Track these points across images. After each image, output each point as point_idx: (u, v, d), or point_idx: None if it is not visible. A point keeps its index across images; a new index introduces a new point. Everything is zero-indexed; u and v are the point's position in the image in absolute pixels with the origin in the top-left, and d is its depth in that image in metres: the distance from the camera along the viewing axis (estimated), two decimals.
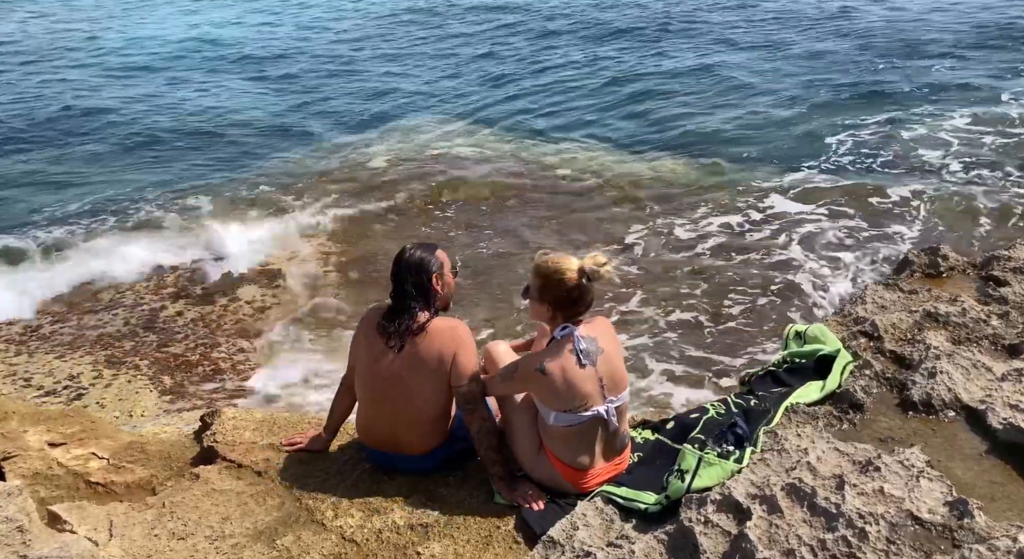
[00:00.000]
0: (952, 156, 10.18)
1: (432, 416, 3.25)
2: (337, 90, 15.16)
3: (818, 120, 11.81)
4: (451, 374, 3.15)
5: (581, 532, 2.78)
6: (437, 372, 3.16)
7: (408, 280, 3.18)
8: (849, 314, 4.14)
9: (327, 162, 11.52)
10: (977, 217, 8.52)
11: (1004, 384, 3.26)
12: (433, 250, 3.27)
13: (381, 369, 3.19)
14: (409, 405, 3.20)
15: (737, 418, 3.26)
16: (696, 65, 15.18)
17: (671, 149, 11.25)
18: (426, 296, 3.20)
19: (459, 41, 18.38)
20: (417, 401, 3.20)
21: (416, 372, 3.16)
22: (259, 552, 2.94)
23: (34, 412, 4.16)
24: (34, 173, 11.35)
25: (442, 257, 3.28)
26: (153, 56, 18.20)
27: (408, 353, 3.16)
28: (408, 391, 3.18)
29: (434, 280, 3.21)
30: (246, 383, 6.34)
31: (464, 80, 15.32)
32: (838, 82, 13.60)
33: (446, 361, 3.14)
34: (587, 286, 3.00)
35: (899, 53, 15.14)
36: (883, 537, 2.36)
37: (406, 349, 3.15)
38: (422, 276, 3.19)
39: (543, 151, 11.28)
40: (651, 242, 8.46)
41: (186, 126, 13.22)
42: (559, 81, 14.81)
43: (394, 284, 3.23)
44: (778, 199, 9.30)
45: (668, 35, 17.70)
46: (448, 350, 3.14)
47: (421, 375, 3.16)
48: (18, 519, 2.64)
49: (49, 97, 14.98)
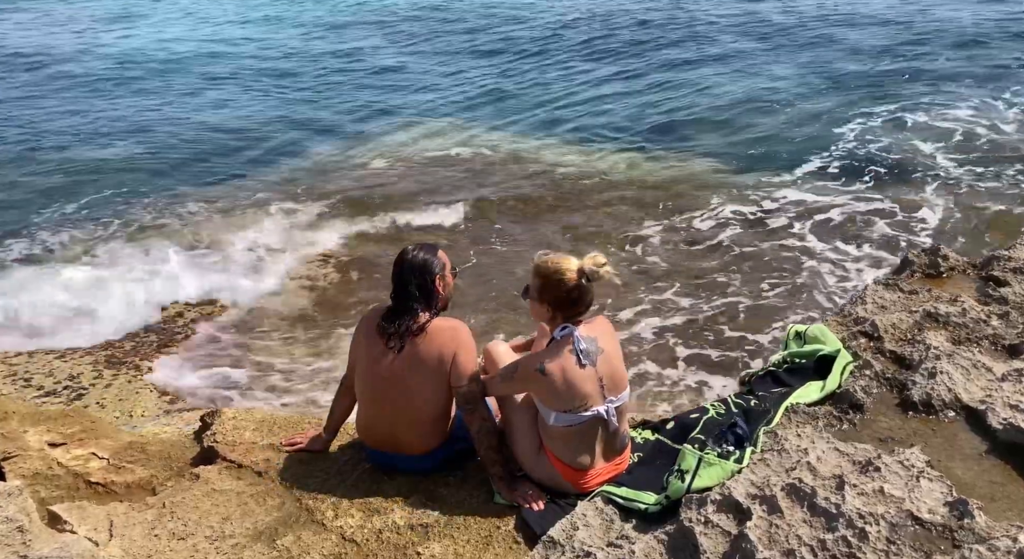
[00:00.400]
0: (955, 153, 10.16)
1: (432, 416, 3.25)
2: (337, 92, 15.15)
3: (824, 115, 11.79)
4: (451, 374, 3.15)
5: (581, 532, 2.78)
6: (437, 372, 3.16)
7: (412, 281, 3.18)
8: (849, 314, 4.14)
9: (327, 164, 11.51)
10: (978, 217, 8.52)
11: (1004, 384, 3.25)
12: (435, 251, 3.28)
13: (381, 369, 3.20)
14: (409, 405, 3.20)
15: (737, 418, 3.26)
16: (700, 60, 15.16)
17: (674, 148, 11.24)
18: (429, 297, 3.21)
19: (459, 42, 18.37)
20: (417, 401, 3.20)
21: (416, 372, 3.16)
22: (259, 552, 2.94)
23: (34, 412, 4.16)
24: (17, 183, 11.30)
25: (444, 258, 3.29)
26: (152, 58, 18.20)
27: (408, 353, 3.16)
28: (408, 391, 3.18)
29: (437, 281, 3.22)
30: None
31: (466, 81, 15.30)
32: (844, 75, 13.58)
33: (446, 361, 3.14)
34: (586, 286, 3.00)
35: (908, 43, 15.07)
36: (883, 537, 2.36)
37: (406, 349, 3.16)
38: (425, 277, 3.19)
39: (545, 151, 11.27)
40: (654, 242, 8.46)
41: (186, 129, 13.23)
42: (561, 81, 14.80)
43: (396, 285, 3.23)
44: (782, 197, 9.32)
45: (670, 34, 17.69)
46: (448, 350, 3.14)
47: (421, 375, 3.16)
48: (18, 519, 2.64)
49: (46, 104, 14.97)
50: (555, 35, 18.18)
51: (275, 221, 9.53)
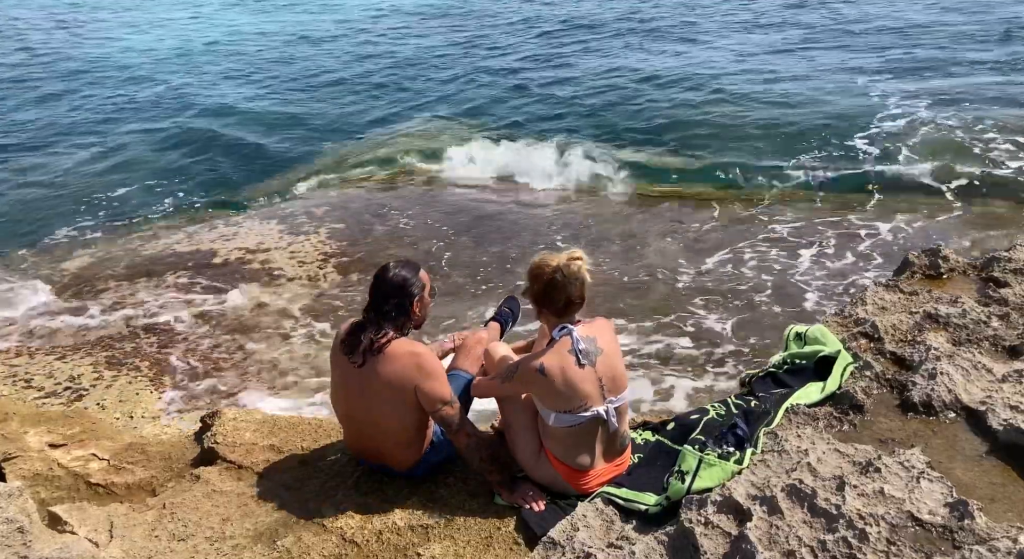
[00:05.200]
0: (959, 159, 10.15)
1: (407, 435, 3.21)
2: (337, 93, 15.17)
3: (830, 113, 11.80)
4: (420, 402, 3.10)
5: (581, 533, 2.78)
6: (398, 397, 3.10)
7: (389, 301, 3.12)
8: (849, 315, 4.14)
9: (327, 165, 11.52)
10: (981, 216, 8.52)
11: (1004, 385, 3.26)
12: (416, 270, 3.21)
13: (349, 384, 3.18)
14: (379, 422, 3.18)
15: (737, 419, 3.26)
16: (703, 61, 15.16)
17: (676, 148, 11.24)
18: (403, 317, 3.16)
19: (463, 45, 18.37)
20: (385, 421, 3.16)
21: (377, 394, 3.11)
22: (259, 553, 2.94)
23: (35, 413, 4.17)
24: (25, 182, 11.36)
25: (424, 279, 3.22)
26: (151, 58, 18.21)
27: (368, 372, 3.10)
28: (374, 411, 3.15)
29: (415, 303, 3.17)
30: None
31: (468, 83, 15.31)
32: (849, 71, 13.58)
33: (407, 389, 3.08)
34: (561, 282, 3.00)
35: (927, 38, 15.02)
36: (883, 538, 2.36)
37: (367, 367, 3.10)
38: (404, 298, 3.14)
39: (547, 153, 11.27)
40: (656, 241, 8.47)
41: (184, 129, 13.24)
42: (564, 83, 14.80)
43: (372, 300, 3.16)
44: (784, 197, 9.33)
45: (672, 33, 17.69)
46: (408, 379, 3.07)
47: (382, 397, 3.11)
48: (19, 520, 2.65)
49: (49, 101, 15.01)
50: (555, 37, 18.13)
51: (275, 222, 9.54)
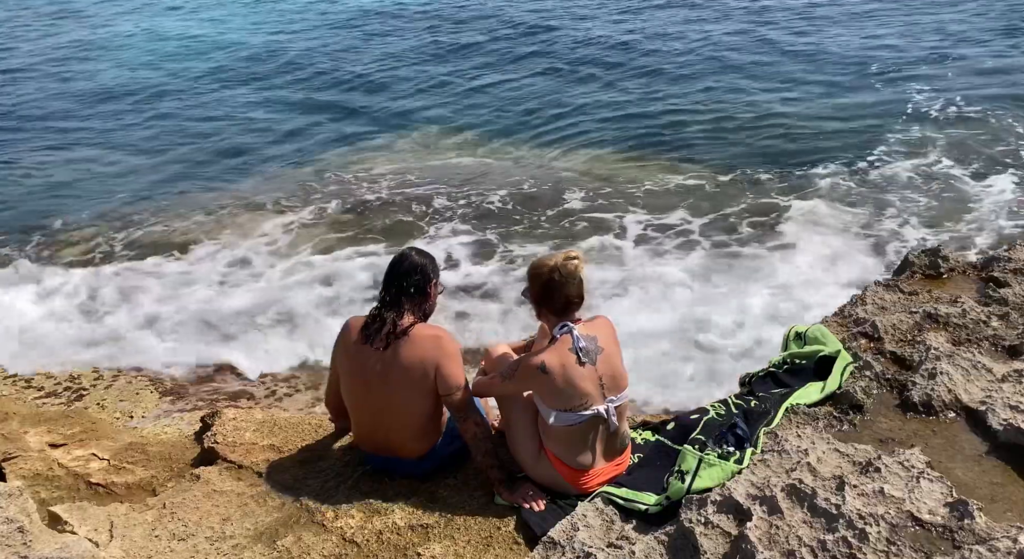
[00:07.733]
0: (962, 164, 10.13)
1: (422, 420, 3.23)
2: (337, 95, 15.14)
3: (833, 113, 11.78)
4: (437, 385, 3.13)
5: (581, 533, 2.78)
6: (421, 381, 3.13)
7: (411, 278, 3.18)
8: (849, 315, 4.14)
9: (327, 167, 11.51)
10: (982, 217, 8.52)
11: (1004, 385, 3.26)
12: (434, 259, 3.30)
13: (367, 372, 3.17)
14: (397, 409, 3.19)
15: (737, 419, 3.27)
16: (705, 59, 15.08)
17: (678, 148, 11.22)
18: (423, 298, 3.21)
19: (459, 49, 18.33)
20: (404, 406, 3.18)
21: (399, 378, 3.13)
22: (260, 553, 2.94)
23: (35, 413, 4.18)
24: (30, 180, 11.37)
25: (439, 268, 3.32)
26: (150, 57, 18.20)
27: (391, 356, 3.12)
28: (394, 396, 3.16)
29: (432, 286, 3.24)
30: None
31: (467, 86, 15.27)
32: (853, 73, 13.54)
33: (429, 372, 3.11)
34: (559, 281, 3.02)
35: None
36: (883, 538, 2.36)
37: (390, 351, 3.12)
38: (423, 278, 3.20)
39: (548, 155, 11.25)
40: (658, 242, 8.48)
41: (184, 131, 13.23)
42: (565, 85, 14.76)
43: (390, 282, 3.21)
44: (785, 198, 9.32)
45: (673, 32, 17.66)
46: (430, 360, 3.11)
47: (404, 381, 3.13)
48: (19, 520, 2.65)
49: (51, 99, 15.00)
50: (556, 37, 18.12)
51: (274, 223, 9.54)
